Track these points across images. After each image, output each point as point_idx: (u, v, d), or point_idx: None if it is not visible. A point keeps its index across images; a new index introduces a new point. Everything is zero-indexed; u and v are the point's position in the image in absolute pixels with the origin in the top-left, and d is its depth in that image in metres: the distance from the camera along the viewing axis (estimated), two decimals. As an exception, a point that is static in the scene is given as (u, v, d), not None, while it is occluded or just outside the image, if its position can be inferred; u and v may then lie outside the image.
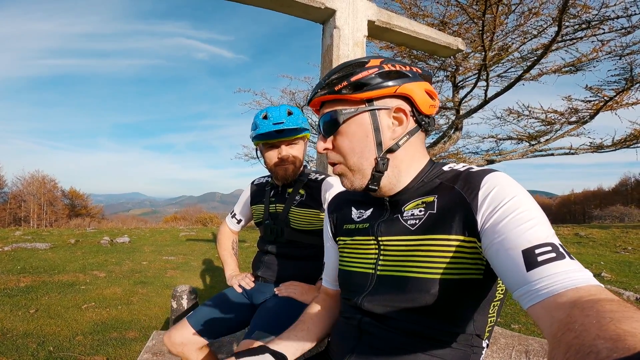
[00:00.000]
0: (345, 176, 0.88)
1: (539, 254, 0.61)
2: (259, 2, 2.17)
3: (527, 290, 0.60)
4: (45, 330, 3.24)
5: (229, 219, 1.96)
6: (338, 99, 0.84)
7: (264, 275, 1.68)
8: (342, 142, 0.86)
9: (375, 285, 0.87)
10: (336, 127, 0.85)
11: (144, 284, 5.14)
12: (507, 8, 5.07)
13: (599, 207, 34.10)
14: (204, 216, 26.29)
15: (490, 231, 0.70)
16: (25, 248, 7.34)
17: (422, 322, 0.80)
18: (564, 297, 0.55)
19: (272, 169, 1.62)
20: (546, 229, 0.66)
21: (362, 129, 0.84)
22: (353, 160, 0.85)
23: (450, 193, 0.79)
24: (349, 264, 0.96)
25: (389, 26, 2.41)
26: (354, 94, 0.82)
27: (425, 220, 0.81)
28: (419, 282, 0.78)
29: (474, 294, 0.79)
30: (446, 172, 0.85)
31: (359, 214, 0.98)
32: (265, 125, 1.52)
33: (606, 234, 10.58)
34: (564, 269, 0.59)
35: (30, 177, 38.90)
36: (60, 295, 4.34)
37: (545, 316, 0.56)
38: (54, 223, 33.59)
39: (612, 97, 5.80)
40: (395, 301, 0.82)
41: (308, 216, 1.60)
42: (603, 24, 4.92)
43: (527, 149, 6.96)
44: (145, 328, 3.45)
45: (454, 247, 0.76)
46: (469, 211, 0.74)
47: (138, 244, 9.05)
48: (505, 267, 0.65)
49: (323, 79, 0.87)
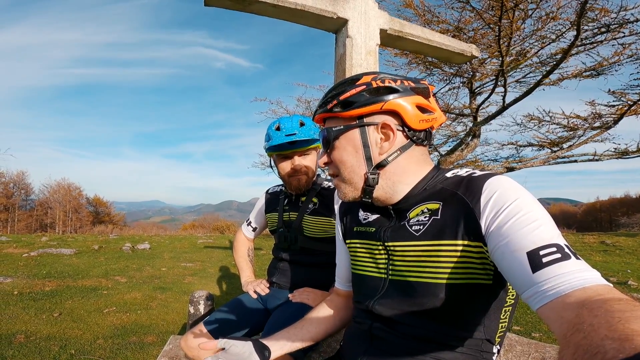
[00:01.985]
0: (340, 188, 0.93)
1: (543, 255, 0.61)
2: (273, 13, 2.23)
3: (535, 291, 0.60)
4: (68, 334, 3.33)
5: (245, 227, 1.99)
6: (332, 116, 0.91)
7: (279, 282, 1.71)
8: (335, 156, 0.91)
9: (386, 289, 0.89)
10: (329, 143, 0.91)
11: (163, 289, 5.24)
12: (523, 13, 5.00)
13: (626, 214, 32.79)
14: (221, 224, 26.60)
15: (495, 235, 0.70)
16: (50, 253, 7.58)
17: (431, 327, 0.80)
18: (572, 297, 0.55)
19: (285, 180, 1.65)
20: (550, 229, 0.66)
21: (351, 144, 0.88)
22: (345, 174, 0.90)
23: (453, 199, 0.80)
24: (361, 268, 0.98)
25: (401, 34, 2.42)
26: (344, 112, 0.87)
27: (429, 226, 0.81)
28: (427, 286, 0.80)
29: (483, 298, 0.79)
30: (449, 178, 0.86)
31: (365, 215, 1.00)
32: (278, 136, 1.55)
33: (633, 242, 10.17)
34: (570, 269, 0.59)
35: (57, 185, 40.31)
36: (83, 300, 4.46)
37: (555, 317, 0.56)
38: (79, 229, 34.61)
39: (636, 101, 5.62)
40: (405, 305, 0.83)
41: (321, 224, 1.62)
42: (623, 27, 4.80)
43: (549, 156, 6.78)
44: (163, 333, 3.51)
45: (459, 252, 0.76)
46: (472, 216, 0.75)
47: (158, 250, 9.23)
48: (512, 269, 0.65)
49: (323, 97, 0.94)
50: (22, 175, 39.84)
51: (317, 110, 0.94)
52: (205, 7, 2.16)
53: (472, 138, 6.86)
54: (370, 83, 0.84)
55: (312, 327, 1.10)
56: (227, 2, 2.10)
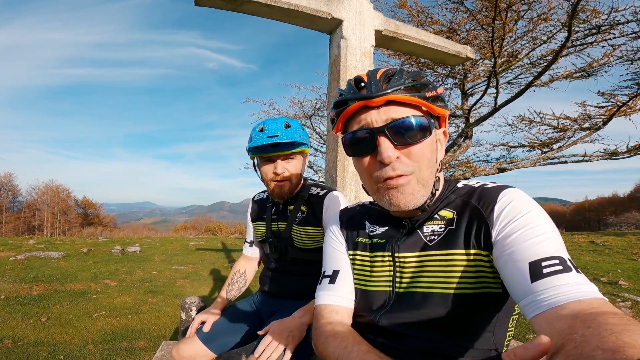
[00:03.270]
0: (410, 192, 0.78)
1: (545, 267, 0.62)
2: (265, 13, 2.19)
3: (531, 300, 0.61)
4: (56, 339, 3.25)
5: (244, 246, 1.88)
6: (418, 104, 0.79)
7: (271, 291, 1.66)
8: (421, 151, 0.78)
9: (393, 302, 0.86)
10: (425, 135, 0.78)
11: (154, 293, 5.16)
12: (516, 14, 5.04)
13: (614, 214, 33.37)
14: (213, 225, 26.42)
15: (501, 243, 0.71)
16: (38, 257, 7.43)
17: (439, 339, 0.79)
18: (566, 309, 0.56)
19: (268, 185, 1.57)
20: (556, 243, 0.66)
21: (433, 143, 0.82)
22: (426, 173, 0.80)
23: (466, 208, 0.80)
24: (365, 283, 0.93)
25: (396, 35, 2.41)
26: (435, 105, 0.80)
27: (444, 236, 0.81)
28: (438, 297, 0.78)
29: (493, 307, 0.78)
30: (460, 188, 0.86)
31: (373, 228, 0.96)
32: (259, 138, 1.46)
33: (622, 241, 10.32)
34: (568, 282, 0.59)
35: (45, 187, 39.71)
36: (71, 304, 4.37)
37: (546, 327, 0.57)
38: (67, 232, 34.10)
39: (626, 102, 5.69)
40: (412, 318, 0.81)
41: (311, 234, 1.54)
42: (613, 28, 4.85)
43: (539, 157, 6.84)
44: (155, 338, 3.45)
45: (471, 261, 0.76)
46: (485, 225, 0.75)
47: (148, 253, 9.10)
48: (512, 277, 0.66)
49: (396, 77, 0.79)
50: (9, 177, 39.27)
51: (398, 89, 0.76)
52: (197, 7, 2.12)
53: (465, 139, 6.89)
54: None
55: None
56: (219, 1, 2.06)
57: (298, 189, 1.62)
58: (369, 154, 0.81)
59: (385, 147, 0.77)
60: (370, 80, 0.80)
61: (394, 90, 0.77)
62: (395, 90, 0.77)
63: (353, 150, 0.84)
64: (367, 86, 0.79)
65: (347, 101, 0.82)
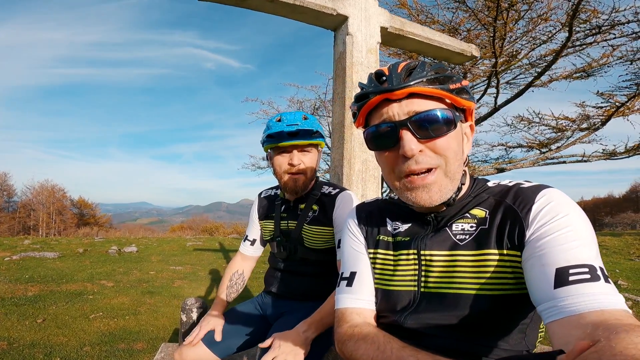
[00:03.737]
0: (438, 187, 0.77)
1: (572, 274, 0.60)
2: (270, 9, 2.16)
3: (552, 305, 0.59)
4: (53, 341, 3.20)
5: (242, 244, 1.79)
6: (443, 97, 0.77)
7: (278, 292, 1.61)
8: (447, 144, 0.76)
9: (419, 303, 0.82)
10: (451, 128, 0.76)
11: (152, 293, 5.10)
12: (517, 14, 5.04)
13: (610, 214, 33.61)
14: (210, 226, 26.29)
15: (533, 245, 0.68)
16: (33, 257, 7.35)
17: (469, 340, 0.76)
18: (587, 318, 0.54)
19: (281, 178, 1.51)
20: (589, 250, 0.64)
21: (459, 136, 0.80)
22: (454, 166, 0.78)
23: (501, 207, 0.77)
24: (387, 282, 0.89)
25: (402, 33, 2.38)
26: (459, 98, 0.78)
27: (476, 236, 0.77)
28: (469, 298, 0.75)
29: (527, 308, 0.75)
30: (492, 187, 0.83)
31: (395, 225, 0.92)
32: (278, 126, 1.44)
33: (619, 242, 10.38)
34: (594, 291, 0.57)
35: (40, 187, 39.45)
36: (68, 305, 4.31)
37: (562, 333, 0.55)
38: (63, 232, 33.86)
39: (624, 102, 5.71)
40: (441, 319, 0.78)
41: (322, 234, 1.50)
42: (614, 28, 4.86)
43: (537, 157, 6.85)
44: (153, 339, 3.40)
45: (505, 261, 0.73)
46: (520, 225, 0.72)
47: (145, 253, 9.03)
48: (535, 281, 0.64)
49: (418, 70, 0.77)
50: (4, 177, 39.03)
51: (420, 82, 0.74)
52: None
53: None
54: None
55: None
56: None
57: (311, 186, 1.58)
58: (391, 148, 0.79)
59: (408, 140, 0.75)
60: (391, 73, 0.78)
61: (417, 83, 0.75)
62: (417, 82, 0.75)
63: (375, 145, 0.82)
64: (388, 79, 0.77)
65: (368, 95, 0.80)
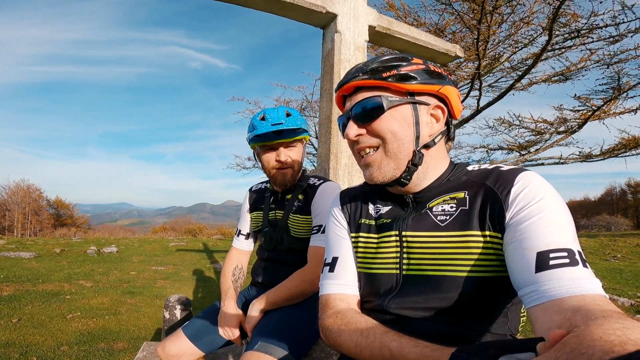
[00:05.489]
0: (378, 165, 0.83)
1: (552, 258, 0.62)
2: (261, 6, 2.16)
3: (533, 290, 0.61)
4: (29, 340, 3.10)
5: (235, 239, 1.81)
6: (382, 85, 0.82)
7: (264, 281, 1.62)
8: (383, 125, 0.82)
9: (401, 286, 0.83)
10: (380, 112, 0.82)
11: (133, 294, 5.00)
12: (500, 17, 5.16)
13: (586, 216, 34.65)
14: (194, 227, 25.90)
15: (514, 229, 0.70)
16: (8, 257, 7.11)
17: (453, 322, 0.76)
18: (567, 302, 0.55)
19: (270, 173, 1.57)
20: (568, 234, 0.66)
21: (403, 118, 0.83)
22: (393, 145, 0.82)
23: (481, 189, 0.78)
24: (369, 265, 0.91)
25: (389, 32, 2.41)
26: (400, 84, 0.81)
27: (457, 217, 0.79)
28: (452, 280, 0.76)
29: (509, 291, 0.76)
30: (472, 170, 0.85)
31: (376, 209, 0.94)
32: (262, 126, 1.47)
33: (595, 243, 10.74)
34: (573, 276, 0.59)
35: (15, 186, 38.08)
36: (44, 305, 4.18)
37: (544, 318, 0.57)
38: (39, 232, 32.82)
39: (600, 106, 5.90)
40: (424, 302, 0.78)
41: (307, 223, 1.54)
42: (592, 32, 5.01)
43: (517, 159, 7.02)
44: (135, 339, 3.33)
45: (486, 243, 0.75)
46: (500, 207, 0.74)
47: (126, 253, 8.84)
48: (517, 265, 0.66)
49: (364, 65, 0.85)
50: (-24, 176, 37.49)
51: (359, 76, 0.83)
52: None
53: (447, 141, 7.00)
54: (427, 65, 0.85)
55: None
56: (214, -9, 2.01)
57: (298, 177, 1.62)
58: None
59: (349, 127, 0.86)
60: (349, 70, 0.87)
61: (358, 77, 0.84)
62: (357, 77, 0.84)
63: (343, 133, 0.90)
64: (345, 75, 0.88)
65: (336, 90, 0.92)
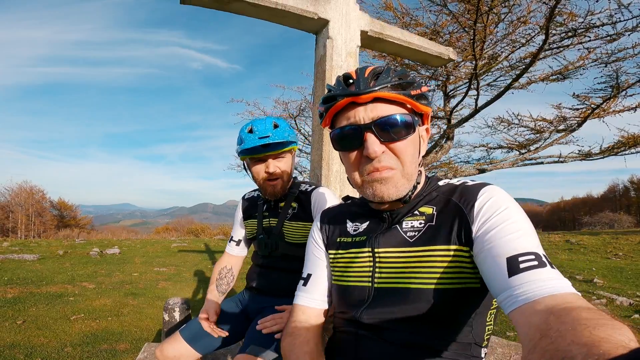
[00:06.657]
0: (394, 182, 0.82)
1: (521, 262, 0.65)
2: (252, 12, 2.19)
3: (508, 295, 0.63)
4: (33, 342, 3.16)
5: (227, 245, 1.87)
6: (404, 102, 0.82)
7: (258, 287, 1.66)
8: (407, 147, 0.82)
9: (373, 298, 0.87)
10: (410, 132, 0.82)
11: (135, 295, 5.06)
12: (497, 17, 5.16)
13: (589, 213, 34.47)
14: (196, 227, 25.93)
15: (481, 239, 0.73)
16: (12, 259, 7.18)
17: (421, 333, 0.80)
18: (541, 304, 0.57)
19: (260, 184, 1.59)
20: (532, 239, 0.69)
21: (416, 139, 0.85)
22: (411, 168, 0.84)
23: (447, 205, 0.83)
24: (344, 279, 0.95)
25: (381, 36, 2.44)
26: (419, 103, 0.83)
27: (424, 232, 0.83)
28: (419, 292, 0.80)
29: (472, 302, 0.81)
30: (442, 186, 0.89)
31: (355, 227, 0.98)
32: (250, 139, 1.48)
33: (597, 240, 10.69)
34: (542, 277, 0.62)
35: (18, 188, 38.22)
36: (48, 307, 4.25)
37: (523, 321, 0.58)
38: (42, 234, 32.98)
39: (599, 104, 5.88)
40: (394, 313, 0.82)
41: (301, 229, 1.57)
42: (589, 31, 4.99)
43: (517, 158, 7.02)
44: (137, 340, 3.38)
45: (452, 257, 0.78)
46: (466, 221, 0.77)
47: (128, 255, 8.90)
48: (491, 272, 0.69)
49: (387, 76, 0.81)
50: (-20, 178, 37.67)
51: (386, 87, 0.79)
52: (181, 6, 2.10)
53: (446, 140, 7.02)
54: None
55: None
56: (205, 0, 2.05)
57: (289, 186, 1.64)
58: (355, 149, 0.84)
59: (372, 143, 0.80)
60: (358, 78, 0.82)
61: (381, 88, 0.79)
62: (382, 87, 0.79)
63: (341, 145, 0.87)
64: (355, 83, 0.82)
65: (335, 97, 0.84)
